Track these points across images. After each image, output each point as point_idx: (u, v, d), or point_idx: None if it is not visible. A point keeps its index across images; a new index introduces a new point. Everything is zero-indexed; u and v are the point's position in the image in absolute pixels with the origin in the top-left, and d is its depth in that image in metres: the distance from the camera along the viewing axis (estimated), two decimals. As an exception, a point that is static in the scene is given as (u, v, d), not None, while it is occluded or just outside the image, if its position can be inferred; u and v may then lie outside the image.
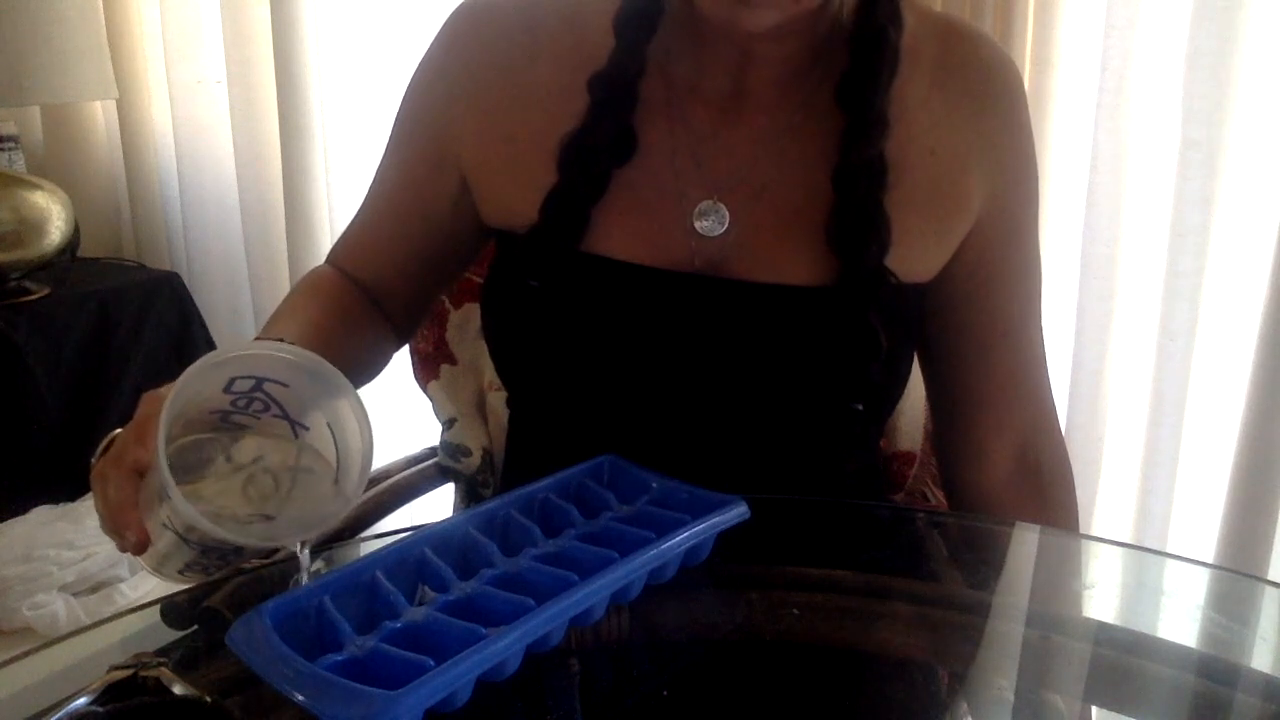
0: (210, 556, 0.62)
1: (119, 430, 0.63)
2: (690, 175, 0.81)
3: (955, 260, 0.85)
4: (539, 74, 0.83)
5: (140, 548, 0.60)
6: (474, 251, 0.95)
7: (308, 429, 0.63)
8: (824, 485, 0.87)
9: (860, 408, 0.80)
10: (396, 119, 0.91)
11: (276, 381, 0.61)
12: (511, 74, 0.84)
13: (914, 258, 0.81)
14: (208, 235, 2.49)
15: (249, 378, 0.60)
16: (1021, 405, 0.91)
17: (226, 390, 0.60)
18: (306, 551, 0.61)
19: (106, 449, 0.63)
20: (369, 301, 0.92)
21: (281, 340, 0.63)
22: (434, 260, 0.92)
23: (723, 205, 0.80)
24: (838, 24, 0.81)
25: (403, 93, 0.91)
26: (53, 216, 2.08)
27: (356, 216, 0.94)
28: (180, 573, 0.64)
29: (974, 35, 0.85)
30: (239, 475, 0.63)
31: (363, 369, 0.89)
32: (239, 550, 0.62)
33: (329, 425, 0.63)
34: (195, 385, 0.58)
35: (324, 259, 0.96)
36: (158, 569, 0.64)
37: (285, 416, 0.63)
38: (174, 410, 0.56)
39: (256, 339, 0.71)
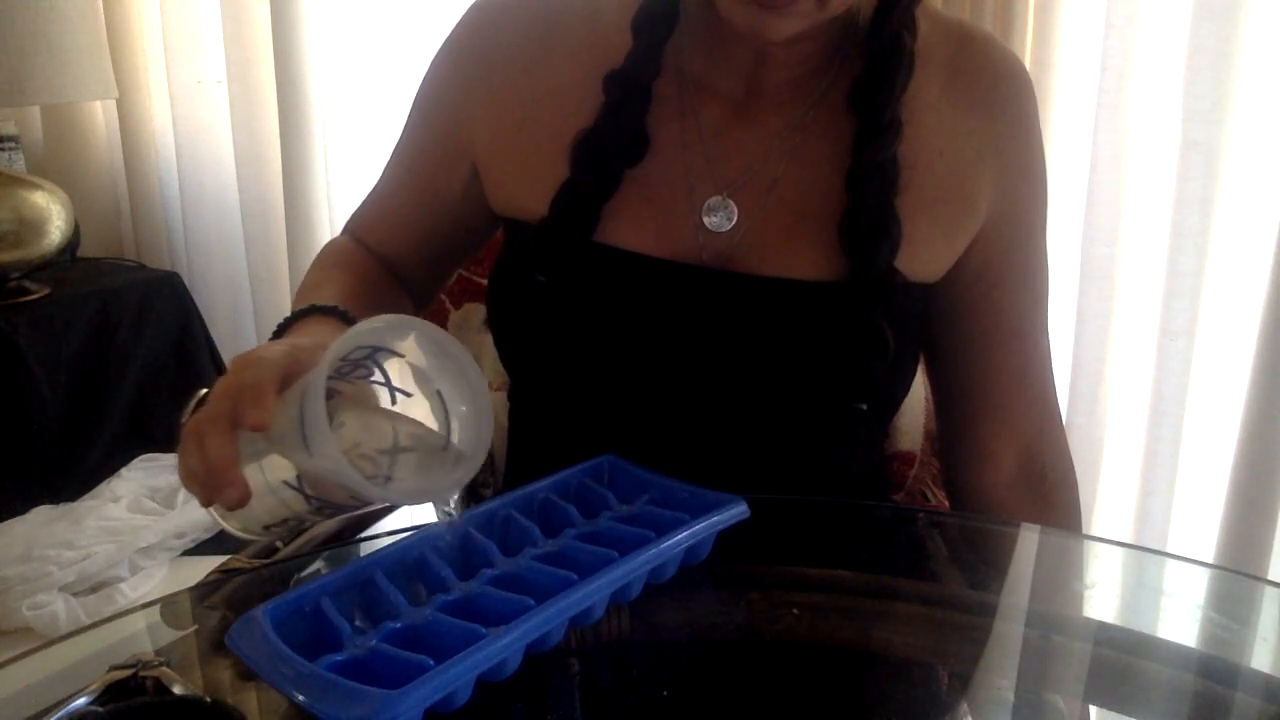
0: (324, 513, 0.63)
1: (205, 390, 0.63)
2: (700, 171, 0.82)
3: (962, 262, 0.85)
4: (554, 68, 0.84)
5: (240, 503, 0.60)
6: (486, 234, 0.96)
7: (409, 395, 0.63)
8: (827, 485, 0.87)
9: (864, 407, 0.80)
10: (413, 103, 0.92)
11: (391, 351, 0.62)
12: (527, 67, 0.84)
13: (921, 258, 0.82)
14: (208, 235, 2.49)
15: (366, 346, 0.61)
16: (1026, 408, 0.91)
17: (342, 358, 0.61)
18: (452, 505, 0.63)
19: (197, 407, 0.63)
20: (389, 272, 0.93)
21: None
22: (445, 240, 0.94)
23: (732, 201, 0.81)
24: (852, 26, 0.82)
25: (415, 84, 0.92)
26: (53, 216, 2.08)
27: (373, 191, 0.96)
28: (267, 528, 0.65)
29: (986, 40, 0.85)
30: None
31: None
32: (356, 508, 0.63)
33: (440, 393, 0.63)
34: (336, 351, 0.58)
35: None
36: (239, 519, 0.65)
37: (386, 383, 0.63)
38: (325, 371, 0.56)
39: (307, 307, 0.75)
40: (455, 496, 0.63)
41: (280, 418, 0.58)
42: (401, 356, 0.62)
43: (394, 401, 0.63)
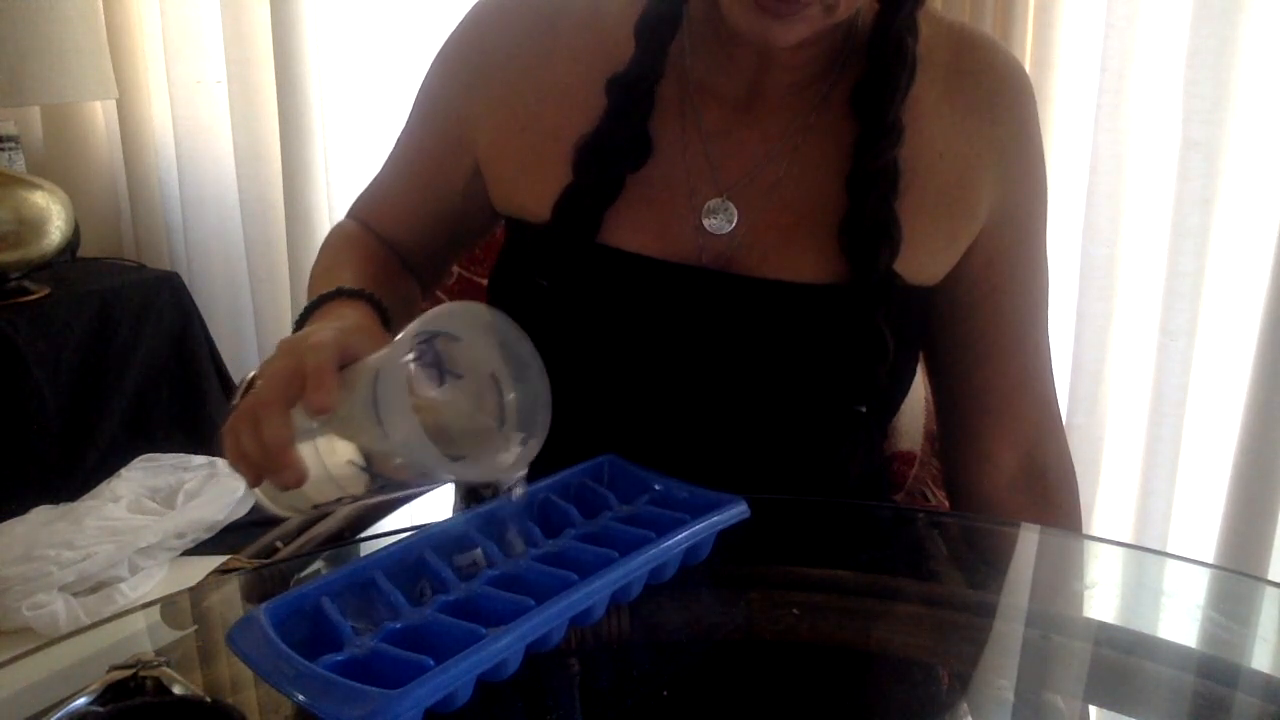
0: (385, 491, 0.65)
1: (253, 374, 0.65)
2: (701, 173, 0.82)
3: (963, 265, 0.85)
4: (557, 69, 0.84)
5: (297, 483, 0.61)
6: (489, 225, 0.97)
7: (460, 377, 0.65)
8: (827, 487, 0.87)
9: (863, 410, 0.80)
10: (416, 98, 0.92)
11: (449, 335, 0.63)
12: (529, 67, 0.85)
13: (921, 261, 0.82)
14: (208, 235, 2.49)
15: (427, 331, 0.62)
16: (1027, 410, 0.91)
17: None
18: (520, 484, 0.65)
19: (246, 390, 0.64)
20: (396, 256, 0.94)
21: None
22: (448, 231, 0.94)
23: (732, 204, 0.81)
24: (855, 29, 0.82)
25: (415, 84, 0.92)
26: (53, 216, 2.08)
27: (376, 179, 0.96)
28: (316, 506, 0.67)
29: (987, 44, 0.85)
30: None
31: (404, 320, 0.91)
32: (416, 486, 0.67)
33: (494, 376, 0.65)
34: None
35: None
36: (289, 498, 0.66)
37: (436, 365, 0.65)
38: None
39: (334, 290, 0.76)
40: (522, 474, 0.65)
41: (345, 400, 0.59)
42: (458, 340, 0.64)
43: (442, 383, 0.65)
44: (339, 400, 0.59)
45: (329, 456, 0.62)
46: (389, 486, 0.64)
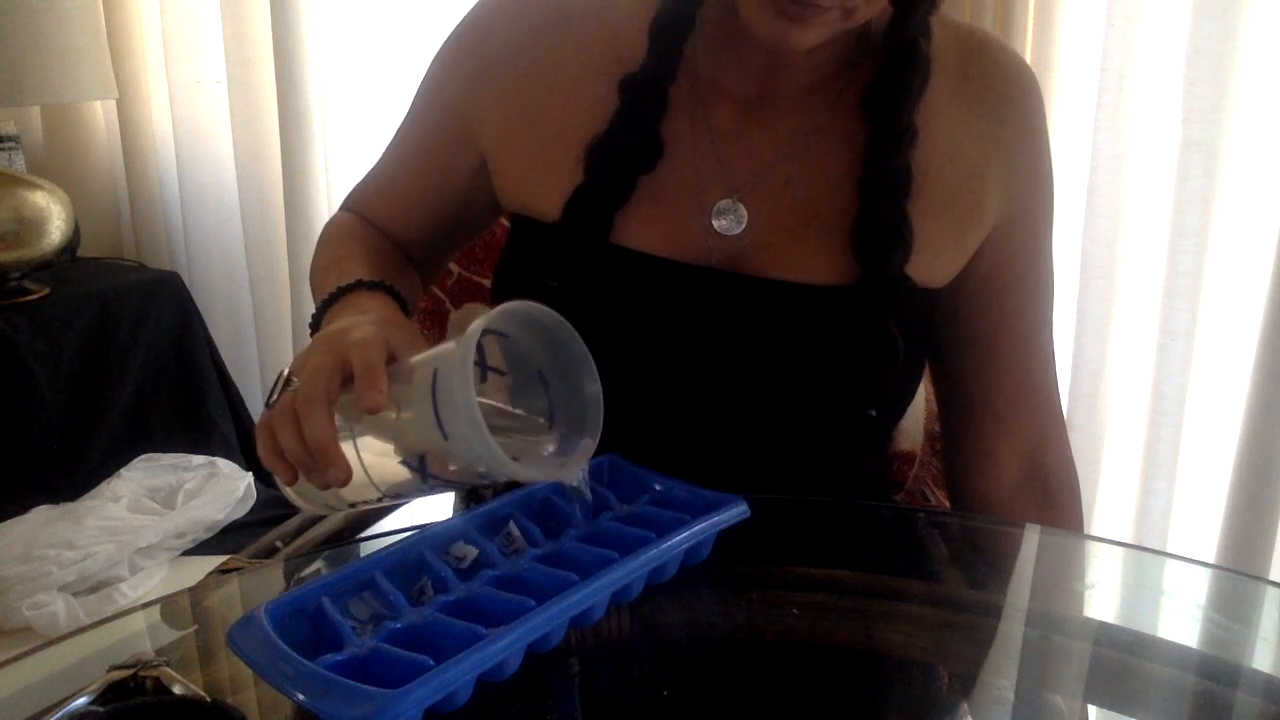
0: (436, 489, 0.65)
1: (285, 370, 0.63)
2: (712, 173, 0.81)
3: (970, 267, 0.85)
4: (567, 64, 0.84)
5: (344, 482, 0.61)
6: (489, 221, 0.97)
7: (503, 374, 0.65)
8: (834, 489, 0.86)
9: (873, 413, 0.79)
10: (419, 89, 0.91)
11: (496, 332, 0.63)
12: (540, 61, 0.84)
13: (930, 263, 0.81)
14: (208, 235, 2.49)
15: (485, 331, 0.61)
16: (1030, 413, 0.91)
17: None
18: (584, 481, 0.65)
19: (284, 387, 0.62)
20: (397, 248, 0.93)
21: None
22: (448, 225, 0.94)
23: (741, 205, 0.81)
24: (867, 30, 0.82)
25: (416, 84, 0.92)
26: (53, 216, 2.08)
27: (375, 169, 0.95)
28: (353, 504, 0.66)
29: (996, 45, 0.85)
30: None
31: (413, 312, 0.90)
32: (463, 485, 0.68)
33: (541, 374, 0.64)
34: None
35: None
36: (327, 497, 0.65)
37: (479, 362, 0.64)
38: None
39: (353, 283, 0.75)
40: (584, 471, 0.65)
41: (394, 398, 0.59)
42: (506, 338, 0.63)
43: (484, 379, 0.64)
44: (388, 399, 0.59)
45: (370, 456, 0.62)
46: (438, 486, 0.64)
